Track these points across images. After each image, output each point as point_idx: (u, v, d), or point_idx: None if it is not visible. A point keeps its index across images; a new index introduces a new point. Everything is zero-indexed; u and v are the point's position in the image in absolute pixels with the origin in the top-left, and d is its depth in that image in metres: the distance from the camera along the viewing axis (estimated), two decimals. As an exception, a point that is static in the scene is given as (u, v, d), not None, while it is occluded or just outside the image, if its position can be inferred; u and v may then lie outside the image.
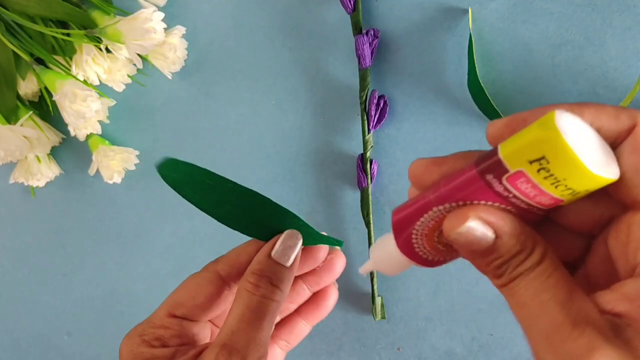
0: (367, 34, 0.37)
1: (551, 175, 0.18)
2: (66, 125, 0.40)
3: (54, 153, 0.44)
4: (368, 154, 0.39)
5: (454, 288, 0.40)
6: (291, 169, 0.42)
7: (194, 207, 0.28)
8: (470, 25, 0.38)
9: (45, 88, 0.41)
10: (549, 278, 0.20)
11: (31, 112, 0.41)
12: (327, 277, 0.30)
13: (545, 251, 0.20)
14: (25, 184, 0.43)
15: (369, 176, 0.39)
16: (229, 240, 0.43)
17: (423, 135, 0.40)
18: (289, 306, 0.31)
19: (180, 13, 0.41)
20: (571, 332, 0.18)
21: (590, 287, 0.20)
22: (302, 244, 0.27)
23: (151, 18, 0.36)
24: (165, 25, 0.38)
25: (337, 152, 0.41)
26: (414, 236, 0.23)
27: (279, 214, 0.28)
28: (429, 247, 0.23)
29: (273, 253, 0.26)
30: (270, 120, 0.42)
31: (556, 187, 0.19)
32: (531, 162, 0.18)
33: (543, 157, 0.18)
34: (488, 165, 0.20)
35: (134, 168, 0.43)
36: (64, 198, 0.45)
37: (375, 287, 0.40)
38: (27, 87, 0.41)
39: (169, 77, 0.41)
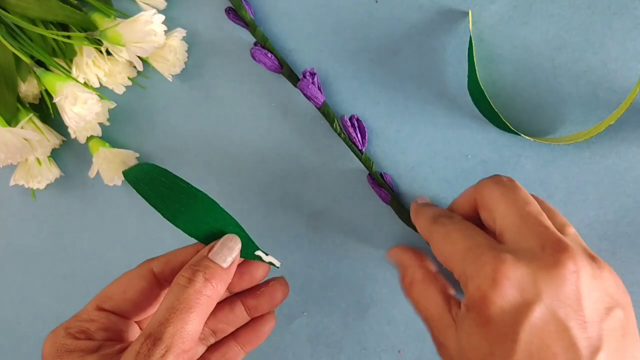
0: (305, 76, 0.38)
1: None
2: (66, 127, 0.40)
3: (55, 155, 0.44)
4: (373, 169, 0.39)
5: (454, 290, 0.40)
6: (291, 172, 0.42)
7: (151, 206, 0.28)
8: (470, 28, 0.38)
9: (46, 90, 0.41)
10: (419, 292, 0.31)
11: (31, 114, 0.41)
12: (267, 304, 0.31)
13: (415, 272, 0.32)
14: (26, 186, 0.43)
15: (389, 189, 0.39)
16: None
17: (423, 138, 0.40)
18: (225, 328, 0.31)
19: (180, 15, 0.41)
20: (430, 329, 0.30)
21: None
22: (240, 253, 0.28)
23: (151, 20, 0.36)
24: (165, 28, 0.38)
25: (338, 152, 0.41)
26: None
27: (223, 219, 0.28)
28: None
29: (211, 254, 0.27)
30: (270, 123, 0.42)
31: None
32: None
33: None
34: None
35: (134, 170, 0.43)
36: (64, 200, 0.45)
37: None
38: (28, 89, 0.41)
39: (170, 79, 0.41)
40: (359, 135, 0.37)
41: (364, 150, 0.38)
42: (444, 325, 0.28)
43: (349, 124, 0.37)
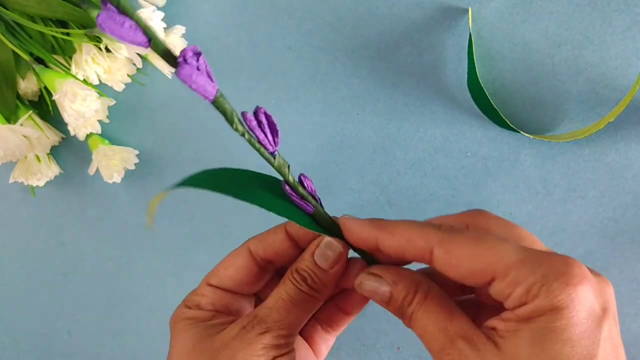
0: (185, 60, 0.23)
1: None
2: (66, 124, 0.40)
3: (54, 152, 0.44)
4: (290, 177, 0.29)
5: (453, 287, 0.40)
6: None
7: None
8: (470, 25, 0.38)
9: (45, 87, 0.41)
10: (431, 313, 0.26)
11: (31, 111, 0.41)
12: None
13: (427, 289, 0.27)
14: (25, 183, 0.43)
15: (310, 197, 0.29)
16: (228, 239, 0.43)
17: (423, 135, 0.40)
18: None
19: (179, 13, 0.41)
20: (450, 347, 0.25)
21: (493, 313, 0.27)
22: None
23: (151, 17, 0.36)
24: (165, 25, 0.38)
25: (338, 151, 0.41)
26: None
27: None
28: None
29: (315, 256, 0.30)
30: (270, 120, 0.42)
31: None
32: None
33: None
34: None
35: (133, 167, 0.43)
36: (63, 197, 0.45)
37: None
38: (27, 86, 0.41)
39: (169, 76, 0.41)
40: (269, 133, 0.28)
41: (275, 152, 0.28)
42: (479, 340, 0.25)
43: (253, 121, 0.27)
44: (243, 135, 0.27)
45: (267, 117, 0.28)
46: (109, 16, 0.22)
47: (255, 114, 0.27)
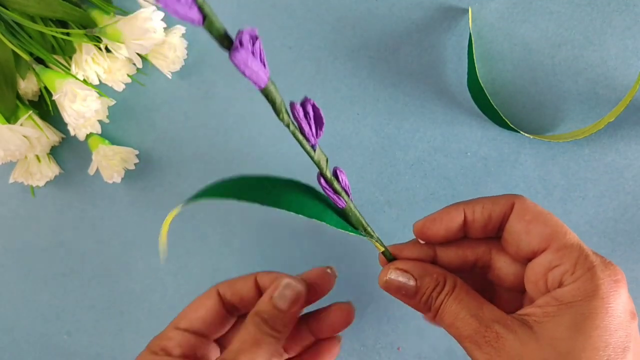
0: (241, 43, 0.21)
1: None
2: (66, 124, 0.40)
3: (54, 152, 0.44)
4: (327, 172, 0.29)
5: (453, 287, 0.40)
6: (290, 169, 0.42)
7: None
8: (470, 25, 0.38)
9: (45, 87, 0.41)
10: (462, 300, 0.28)
11: (31, 111, 0.41)
12: (328, 328, 0.34)
13: (455, 281, 0.29)
14: (25, 183, 0.43)
15: (344, 192, 0.30)
16: (228, 238, 0.43)
17: (423, 135, 0.40)
18: (293, 346, 0.35)
19: (180, 12, 0.41)
20: (485, 330, 0.26)
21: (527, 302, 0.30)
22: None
23: (151, 17, 0.36)
24: (165, 25, 0.38)
25: (338, 151, 0.41)
26: None
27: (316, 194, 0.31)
28: None
29: (274, 298, 0.31)
30: (269, 120, 0.42)
31: None
32: None
33: None
34: None
35: (133, 167, 0.43)
36: (63, 197, 0.45)
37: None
38: (27, 86, 0.41)
39: (169, 76, 0.41)
40: (313, 123, 0.27)
41: (316, 144, 0.28)
42: (514, 324, 0.26)
43: (300, 111, 0.27)
44: (288, 126, 0.28)
45: (315, 108, 0.28)
46: None
47: (303, 104, 0.27)
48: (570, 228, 0.41)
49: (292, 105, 0.27)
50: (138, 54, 0.38)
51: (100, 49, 0.39)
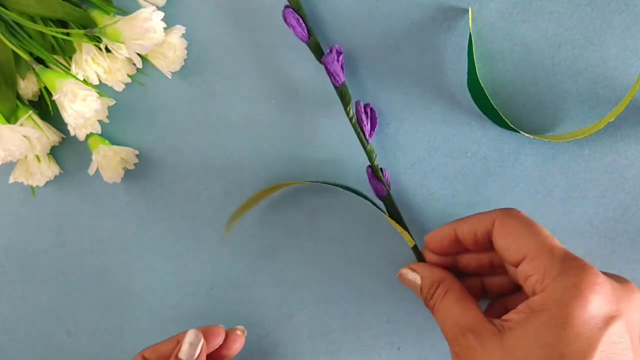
0: (330, 52, 0.37)
1: None
2: (66, 124, 0.40)
3: (54, 152, 0.44)
4: (375, 162, 0.38)
5: (453, 287, 0.40)
6: (291, 169, 0.42)
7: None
8: (470, 25, 0.38)
9: (45, 87, 0.41)
10: (448, 306, 0.31)
11: (31, 111, 0.41)
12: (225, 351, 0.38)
13: (448, 285, 0.32)
14: (25, 183, 0.43)
15: (385, 184, 0.38)
16: (228, 238, 0.43)
17: (422, 135, 0.40)
18: None
19: (179, 12, 0.41)
20: (460, 338, 0.29)
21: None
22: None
23: (151, 17, 0.36)
24: (165, 25, 0.38)
25: (337, 149, 0.41)
26: None
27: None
28: None
29: (180, 354, 0.34)
30: (270, 120, 0.42)
31: None
32: None
33: None
34: None
35: (133, 168, 0.43)
36: (63, 197, 0.45)
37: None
38: (27, 86, 0.41)
39: (169, 76, 0.41)
40: (369, 124, 0.37)
41: (370, 140, 0.38)
42: (485, 333, 0.28)
43: (362, 110, 0.37)
44: (351, 119, 0.37)
45: (372, 111, 0.38)
46: (291, 13, 0.36)
47: (365, 106, 0.38)
48: (570, 228, 0.41)
49: (357, 103, 0.37)
50: (138, 54, 0.38)
51: (100, 49, 0.39)
